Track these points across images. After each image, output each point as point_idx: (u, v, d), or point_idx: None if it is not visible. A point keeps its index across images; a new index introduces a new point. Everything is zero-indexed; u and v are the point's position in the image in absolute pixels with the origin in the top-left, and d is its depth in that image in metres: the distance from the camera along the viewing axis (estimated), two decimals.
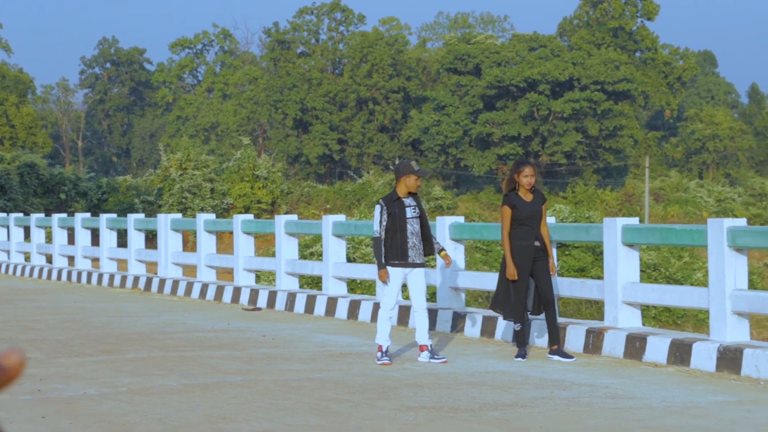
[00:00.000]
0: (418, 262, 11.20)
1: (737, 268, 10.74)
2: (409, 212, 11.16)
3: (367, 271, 16.36)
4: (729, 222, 10.81)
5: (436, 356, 11.18)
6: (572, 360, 11.15)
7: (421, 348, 11.25)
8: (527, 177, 11.21)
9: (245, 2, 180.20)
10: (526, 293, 11.29)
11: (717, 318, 10.75)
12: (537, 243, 11.26)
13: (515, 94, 73.16)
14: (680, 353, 10.71)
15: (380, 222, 11.13)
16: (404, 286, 11.72)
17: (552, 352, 11.29)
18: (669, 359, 10.79)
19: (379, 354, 11.16)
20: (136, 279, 22.10)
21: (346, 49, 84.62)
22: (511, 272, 11.19)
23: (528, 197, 11.28)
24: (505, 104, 73.53)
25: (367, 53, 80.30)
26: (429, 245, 11.30)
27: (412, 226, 11.16)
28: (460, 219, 14.57)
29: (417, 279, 11.23)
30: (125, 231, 23.95)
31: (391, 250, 11.16)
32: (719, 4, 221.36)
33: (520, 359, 11.21)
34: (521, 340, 11.34)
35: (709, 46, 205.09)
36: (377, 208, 11.16)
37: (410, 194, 11.28)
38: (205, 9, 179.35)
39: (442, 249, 11.38)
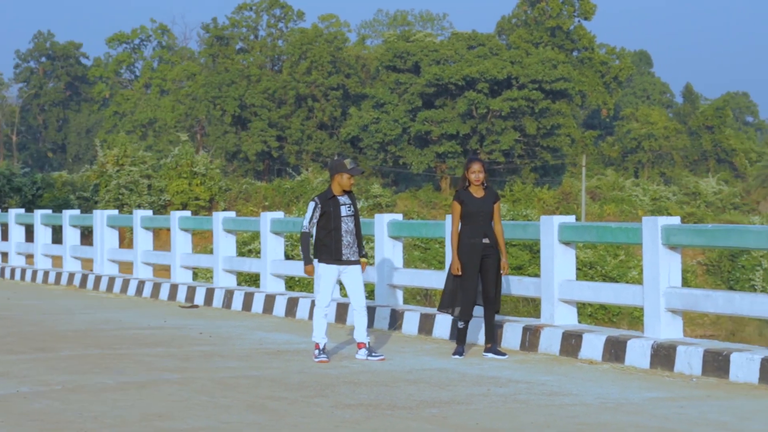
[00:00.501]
0: (352, 259, 11.21)
1: (671, 266, 10.88)
2: (344, 210, 11.17)
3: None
4: (663, 220, 10.94)
5: (374, 354, 11.21)
6: (505, 357, 11.23)
7: (359, 345, 11.27)
8: (474, 173, 11.29)
9: None
10: (475, 291, 11.31)
11: (651, 315, 10.88)
12: (486, 240, 11.29)
13: (454, 92, 73.42)
14: (615, 350, 10.83)
15: (311, 219, 11.16)
16: (342, 284, 11.75)
17: (487, 350, 11.37)
18: (604, 356, 10.90)
19: (316, 351, 11.15)
20: (72, 276, 21.86)
21: (285, 45, 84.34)
22: (455, 266, 11.23)
23: (479, 194, 11.34)
24: (443, 102, 73.76)
25: (306, 50, 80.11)
26: (361, 242, 11.35)
27: (347, 225, 11.17)
28: (399, 216, 14.60)
29: (353, 277, 11.24)
30: (60, 227, 23.68)
31: (326, 248, 11.16)
32: (654, 5, 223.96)
33: (457, 357, 11.26)
34: (461, 338, 11.39)
35: (645, 46, 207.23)
36: (311, 204, 11.19)
37: (345, 192, 11.27)
38: (142, 3, 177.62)
39: (364, 256, 11.36)
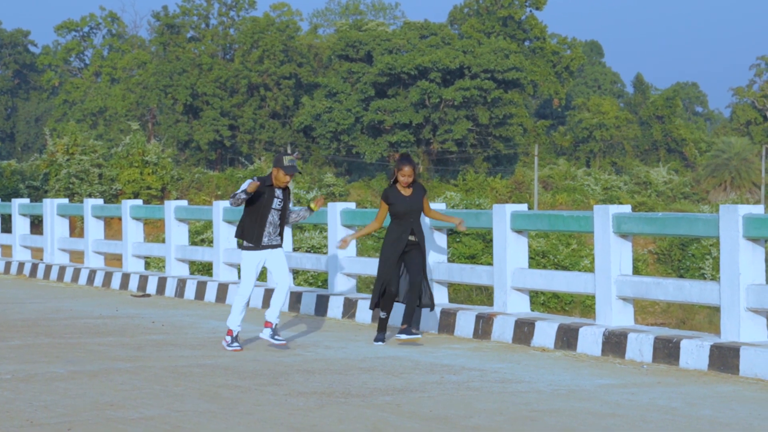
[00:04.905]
0: (274, 244, 11.21)
1: (622, 254, 10.96)
2: (275, 203, 11.16)
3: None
4: (614, 208, 11.02)
5: (276, 337, 11.13)
6: (419, 336, 11.29)
7: (267, 324, 11.18)
8: (405, 176, 11.39)
9: None
10: (390, 279, 11.35)
11: (603, 303, 10.97)
12: (411, 237, 11.42)
13: (406, 81, 73.46)
14: (567, 338, 10.91)
15: (244, 190, 10.90)
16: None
17: (401, 331, 11.42)
18: (556, 344, 10.98)
19: (228, 338, 11.10)
20: (21, 265, 21.65)
21: (236, 34, 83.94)
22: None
23: (407, 192, 11.46)
24: (396, 92, 73.78)
25: (258, 39, 79.79)
26: (283, 236, 11.31)
27: (273, 217, 11.18)
28: (352, 205, 14.59)
29: (277, 258, 11.20)
30: (10, 216, 23.43)
31: (249, 233, 11.13)
32: None
33: (379, 343, 11.35)
34: (383, 326, 11.50)
35: (596, 36, 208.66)
36: (248, 181, 11.01)
37: (282, 188, 11.24)
38: None
39: (308, 202, 11.31)
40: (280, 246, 11.25)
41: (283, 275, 11.21)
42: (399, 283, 11.44)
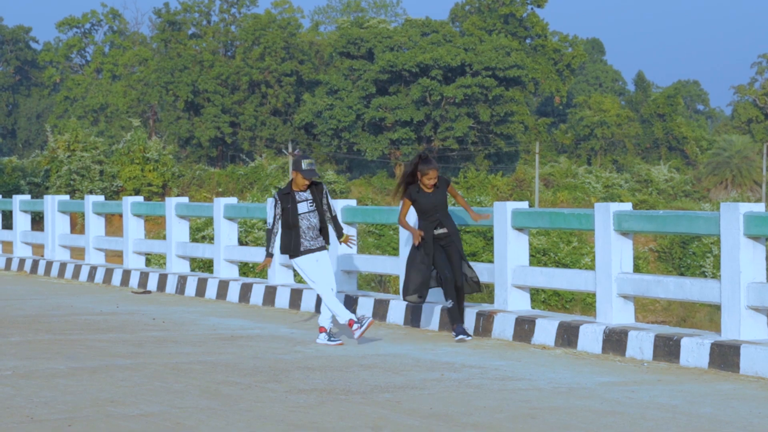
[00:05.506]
0: (318, 246, 11.27)
1: (623, 252, 10.96)
2: (304, 207, 11.18)
3: (258, 255, 16.27)
4: (615, 206, 11.01)
5: (332, 338, 11.23)
6: (469, 338, 11.31)
7: (321, 330, 11.29)
8: (431, 179, 11.38)
9: None
10: (429, 269, 11.38)
11: (603, 300, 10.96)
12: (442, 230, 11.40)
13: (408, 79, 73.44)
14: (567, 335, 10.90)
15: (273, 216, 11.17)
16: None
17: (457, 330, 11.44)
18: (557, 341, 10.97)
19: (356, 326, 11.08)
20: (22, 261, 21.66)
21: (238, 31, 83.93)
22: (417, 235, 11.27)
23: (429, 189, 11.43)
24: (397, 89, 73.76)
25: (259, 36, 79.77)
26: (327, 234, 11.35)
27: (309, 221, 11.21)
28: (353, 202, 14.60)
29: (322, 263, 11.29)
30: (11, 213, 23.44)
31: (290, 244, 11.19)
32: None
33: (464, 337, 11.28)
34: (456, 316, 11.42)
35: (597, 34, 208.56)
36: (270, 201, 11.31)
37: (309, 186, 11.26)
38: None
39: (341, 235, 11.43)
40: (324, 248, 11.28)
41: (330, 282, 11.25)
42: (448, 268, 11.39)
